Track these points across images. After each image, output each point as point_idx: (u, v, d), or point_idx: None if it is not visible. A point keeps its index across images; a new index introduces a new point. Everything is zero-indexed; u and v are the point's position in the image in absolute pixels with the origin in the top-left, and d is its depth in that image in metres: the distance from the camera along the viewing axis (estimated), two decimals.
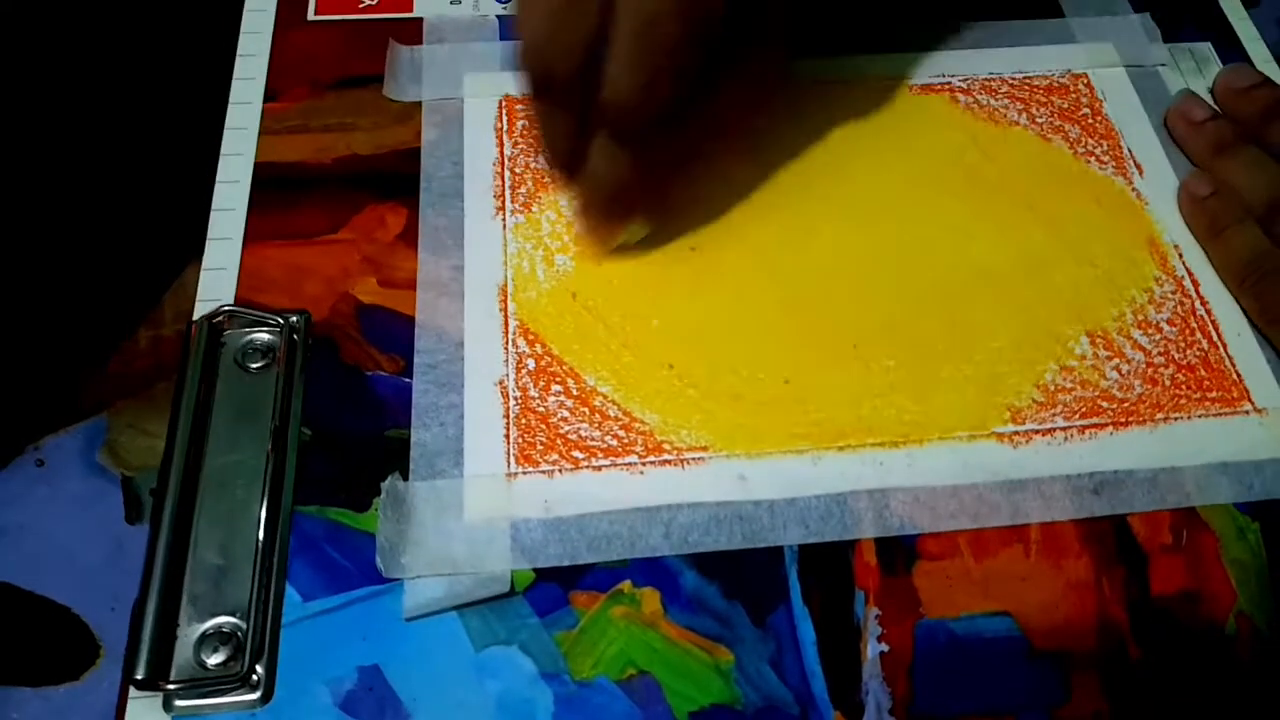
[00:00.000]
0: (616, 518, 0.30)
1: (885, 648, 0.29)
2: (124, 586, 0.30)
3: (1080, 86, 0.41)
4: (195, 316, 0.33)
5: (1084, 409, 0.33)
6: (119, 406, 0.33)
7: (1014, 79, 0.41)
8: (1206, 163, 0.38)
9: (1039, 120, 0.40)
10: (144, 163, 0.39)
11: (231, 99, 0.39)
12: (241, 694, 0.27)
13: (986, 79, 0.41)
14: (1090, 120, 0.40)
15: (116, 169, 0.39)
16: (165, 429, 0.31)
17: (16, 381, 0.34)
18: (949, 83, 0.41)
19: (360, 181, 0.37)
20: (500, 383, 0.33)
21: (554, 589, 0.29)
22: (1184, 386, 0.34)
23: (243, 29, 0.41)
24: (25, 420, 0.33)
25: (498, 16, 0.42)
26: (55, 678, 0.29)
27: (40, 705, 0.29)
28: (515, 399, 0.32)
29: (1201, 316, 0.35)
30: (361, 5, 0.42)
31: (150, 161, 0.39)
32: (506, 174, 0.37)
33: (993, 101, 0.40)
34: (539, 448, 0.31)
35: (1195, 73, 0.42)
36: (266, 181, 0.37)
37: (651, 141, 0.30)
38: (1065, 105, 0.40)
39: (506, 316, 0.34)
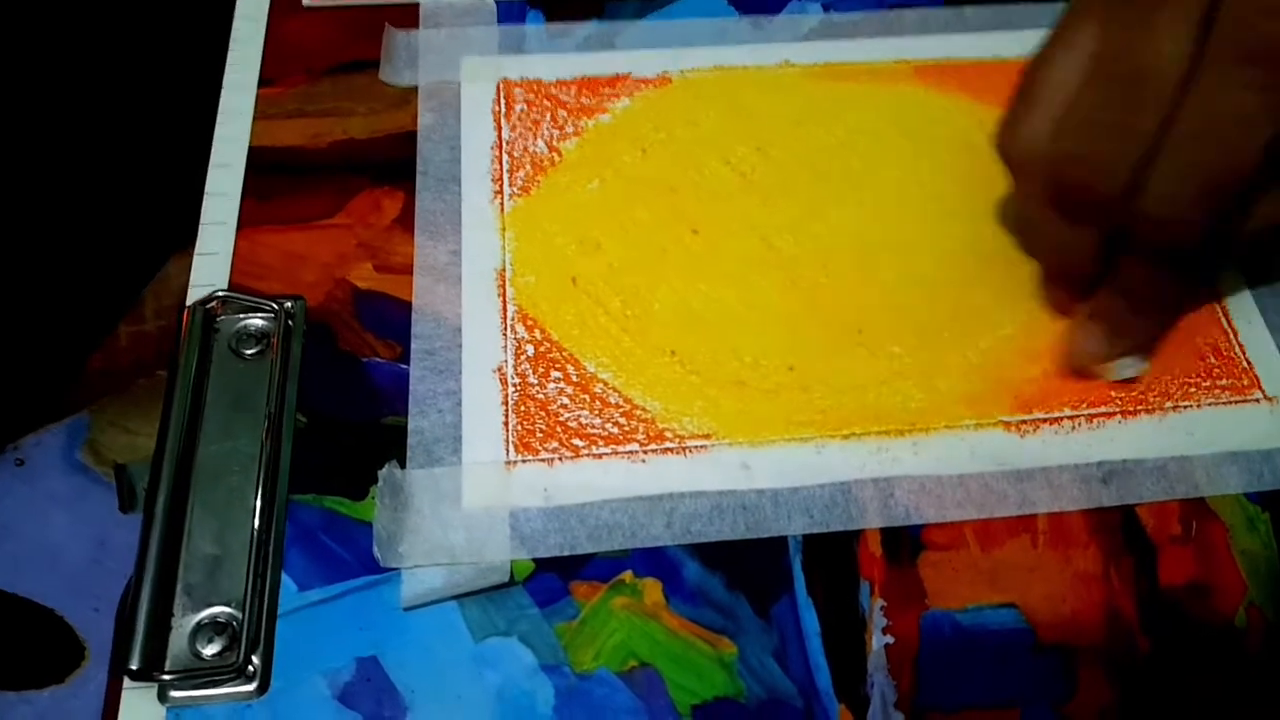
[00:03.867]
0: (617, 507, 0.30)
1: (890, 639, 0.29)
2: (108, 587, 0.29)
3: None
4: (189, 302, 0.33)
5: (1092, 397, 0.32)
6: (101, 404, 0.33)
7: (1022, 62, 0.40)
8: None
9: None
10: (126, 155, 0.39)
11: (225, 84, 0.39)
12: (237, 685, 0.27)
13: (994, 62, 0.40)
14: None
15: (100, 161, 0.38)
16: (148, 426, 0.31)
17: None
18: (955, 66, 0.40)
19: (356, 166, 0.37)
20: (499, 369, 0.32)
21: (554, 579, 0.29)
22: (1193, 374, 0.33)
23: (237, 14, 0.41)
24: (4, 419, 0.32)
25: (495, 0, 0.41)
26: (39, 681, 0.28)
27: (24, 709, 0.28)
28: (514, 386, 0.32)
29: (1211, 304, 0.35)
30: None
31: (132, 153, 0.39)
32: (504, 158, 0.37)
33: (1000, 85, 0.40)
34: (538, 435, 0.31)
35: None
36: (261, 167, 0.36)
37: (1193, 263, 0.29)
38: None
39: (505, 302, 0.33)
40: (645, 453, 0.31)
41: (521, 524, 0.29)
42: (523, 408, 0.31)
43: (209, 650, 0.27)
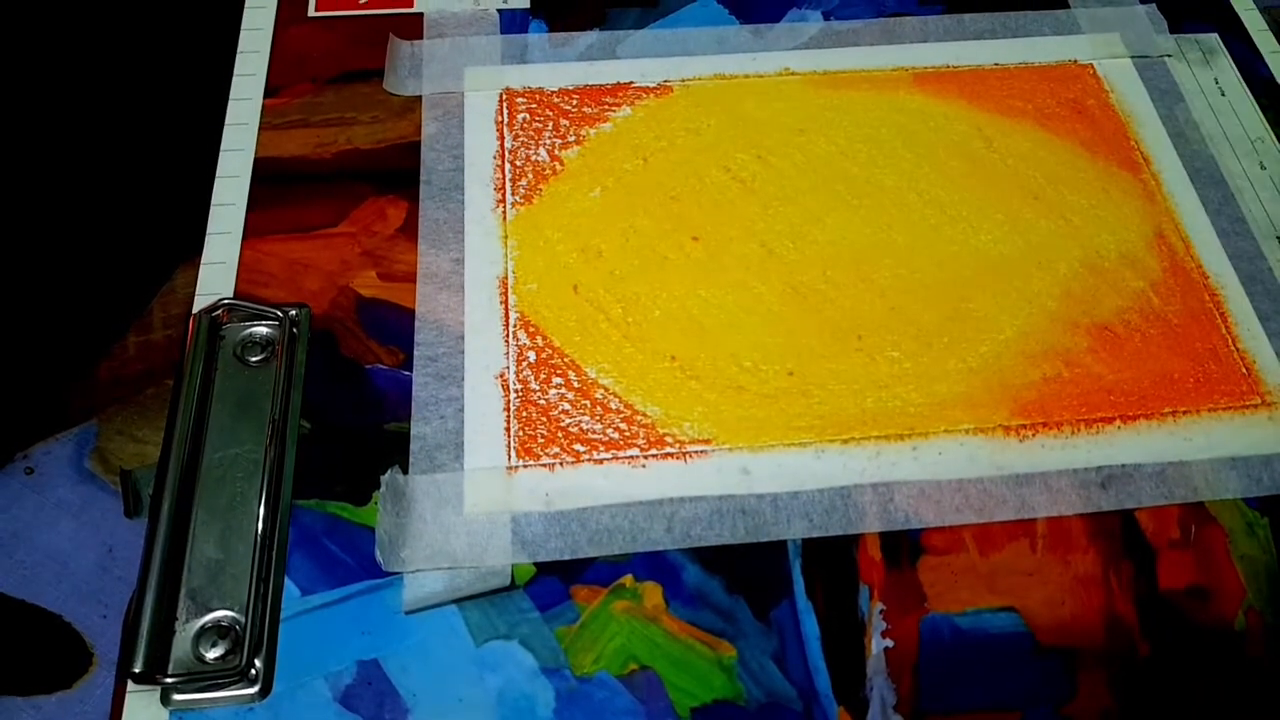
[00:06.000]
0: (618, 511, 0.30)
1: (890, 643, 0.29)
2: (116, 593, 0.30)
3: (1087, 77, 0.41)
4: (195, 310, 0.33)
5: (1091, 402, 0.33)
6: (108, 413, 0.33)
7: (1020, 69, 0.41)
8: None
9: (1045, 111, 0.39)
10: (132, 166, 0.39)
11: (232, 95, 0.39)
12: (240, 688, 0.27)
13: (992, 69, 0.41)
14: (1097, 111, 0.40)
15: (107, 172, 0.39)
16: (156, 434, 0.31)
17: (4, 389, 0.34)
18: (954, 73, 0.40)
19: (360, 175, 0.37)
20: (501, 375, 0.32)
21: (555, 583, 0.29)
22: (1192, 380, 0.33)
23: (243, 25, 0.41)
24: (13, 428, 0.33)
25: (498, 10, 0.41)
26: (47, 686, 0.29)
27: (32, 714, 0.28)
28: (516, 392, 0.32)
29: (1210, 310, 0.35)
30: (361, 1, 0.42)
31: (139, 165, 0.39)
32: (507, 167, 0.37)
33: (998, 92, 0.40)
34: (540, 441, 0.31)
35: (1202, 63, 0.42)
36: (266, 176, 0.37)
37: None
38: (1072, 96, 0.40)
39: (507, 309, 0.34)
40: (646, 458, 0.31)
41: (523, 528, 0.30)
42: (524, 414, 0.32)
43: (212, 653, 0.28)
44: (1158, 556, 0.30)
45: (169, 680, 0.27)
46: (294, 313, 0.33)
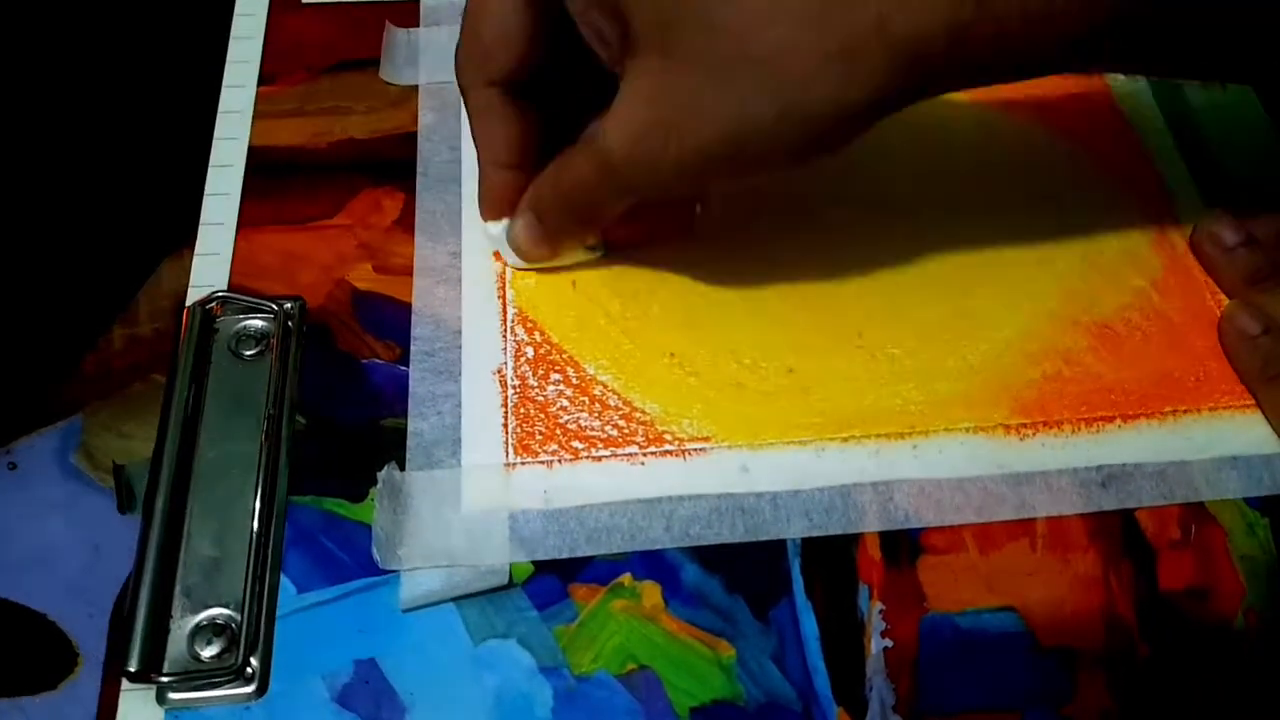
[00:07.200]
0: (616, 509, 0.30)
1: (889, 643, 0.29)
2: (102, 592, 0.29)
3: (1091, 76, 0.40)
4: (189, 303, 0.33)
5: (1092, 401, 0.32)
6: (94, 407, 0.32)
7: None
8: (1240, 293, 0.34)
9: (1048, 110, 0.39)
10: (119, 156, 0.38)
11: (225, 83, 0.39)
12: (236, 687, 0.27)
13: None
14: (1100, 110, 0.39)
15: (94, 162, 0.38)
16: (142, 429, 0.31)
17: None
18: None
19: (356, 166, 0.37)
20: (498, 371, 0.32)
21: (553, 581, 0.29)
22: (1193, 379, 0.33)
23: (237, 11, 0.41)
24: None
25: None
26: (31, 687, 0.28)
27: (17, 716, 0.28)
28: (514, 388, 0.32)
29: (1211, 308, 0.35)
30: None
31: (126, 155, 0.38)
32: None
33: (1001, 91, 0.40)
34: (538, 438, 0.31)
35: None
36: (261, 166, 0.36)
37: None
38: (1075, 94, 0.40)
39: (505, 304, 0.33)
40: (644, 455, 0.31)
41: (520, 526, 0.29)
42: (522, 410, 0.31)
43: (208, 652, 0.27)
44: (1158, 556, 0.30)
45: (164, 679, 0.27)
46: (289, 306, 0.33)
